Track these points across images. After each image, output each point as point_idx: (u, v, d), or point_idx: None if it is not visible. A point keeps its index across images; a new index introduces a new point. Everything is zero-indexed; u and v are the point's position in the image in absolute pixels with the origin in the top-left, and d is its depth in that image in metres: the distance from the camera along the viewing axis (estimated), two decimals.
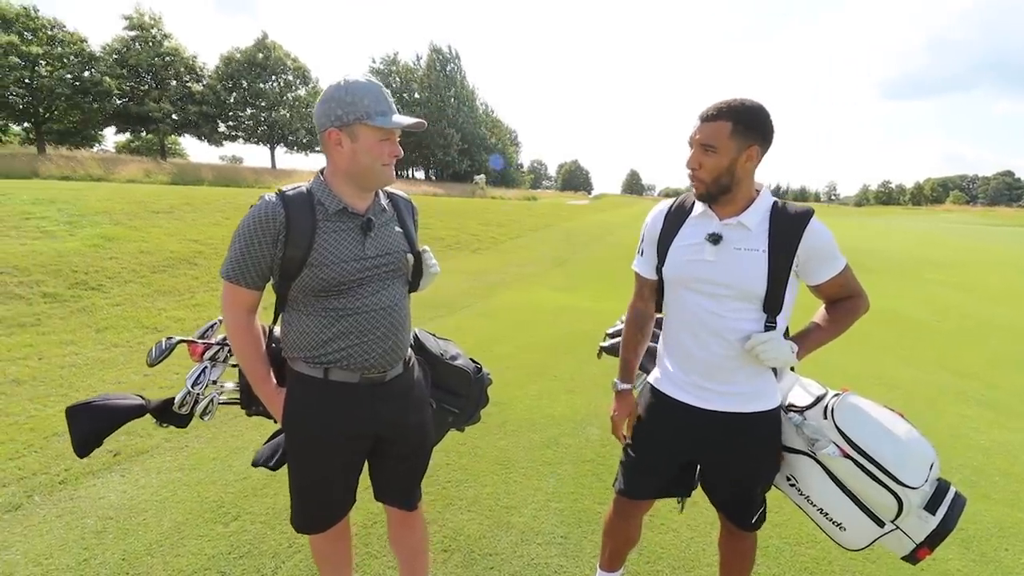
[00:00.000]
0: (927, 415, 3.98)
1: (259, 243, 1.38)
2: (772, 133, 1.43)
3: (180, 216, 8.55)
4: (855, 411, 1.46)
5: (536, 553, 2.29)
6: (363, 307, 1.46)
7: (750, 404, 1.52)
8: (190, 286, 6.31)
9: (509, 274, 9.45)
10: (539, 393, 3.99)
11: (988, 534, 2.57)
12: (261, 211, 1.39)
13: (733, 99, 1.41)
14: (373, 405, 1.53)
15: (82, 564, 2.14)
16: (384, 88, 1.43)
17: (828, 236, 1.45)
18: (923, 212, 58.61)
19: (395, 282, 1.54)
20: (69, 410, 1.55)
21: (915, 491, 1.34)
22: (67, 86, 27.35)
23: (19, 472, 2.77)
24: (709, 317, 1.48)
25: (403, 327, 1.56)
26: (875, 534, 1.44)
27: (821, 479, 1.49)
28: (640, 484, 1.72)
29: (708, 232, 1.47)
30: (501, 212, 17.60)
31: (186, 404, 1.57)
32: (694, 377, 1.55)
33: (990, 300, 8.93)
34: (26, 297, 5.14)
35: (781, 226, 1.44)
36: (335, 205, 1.43)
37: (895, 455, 1.37)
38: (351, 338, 1.45)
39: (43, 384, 3.83)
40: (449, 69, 52.31)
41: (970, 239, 21.41)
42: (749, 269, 1.43)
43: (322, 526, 1.61)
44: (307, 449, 1.54)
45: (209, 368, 1.62)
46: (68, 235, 6.68)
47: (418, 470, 1.74)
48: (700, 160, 1.42)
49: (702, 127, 1.42)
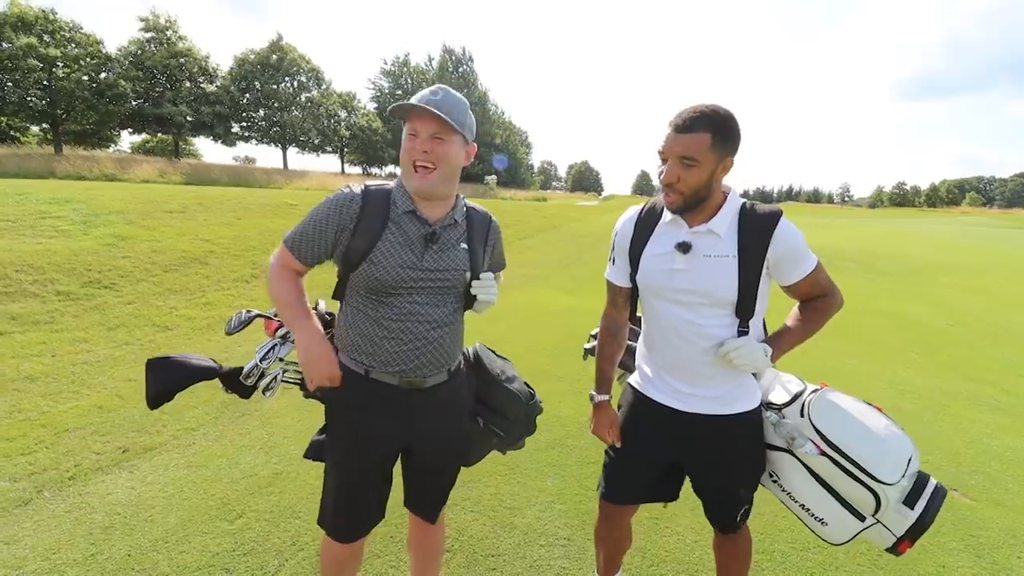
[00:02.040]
0: (940, 420, 3.92)
1: (327, 225, 1.43)
2: (740, 141, 1.40)
3: (192, 216, 8.64)
4: (831, 408, 1.46)
5: (539, 555, 2.29)
6: (410, 314, 1.46)
7: (730, 406, 1.52)
8: (201, 285, 6.37)
9: (516, 275, 9.44)
10: (544, 394, 3.91)
11: (1001, 542, 2.53)
12: (340, 197, 1.44)
13: (707, 107, 1.36)
14: (409, 410, 1.53)
15: (89, 559, 2.17)
16: (441, 88, 1.42)
17: (798, 236, 1.44)
18: (939, 214, 57.83)
19: (448, 296, 1.52)
20: (149, 362, 1.58)
21: (892, 487, 1.35)
22: (84, 88, 27.74)
23: (30, 467, 2.81)
24: (684, 325, 1.48)
25: (449, 340, 1.54)
26: (856, 528, 1.44)
27: (802, 476, 1.50)
28: (623, 488, 1.72)
29: (677, 241, 1.46)
30: (510, 212, 17.59)
31: (252, 376, 1.58)
32: (673, 382, 1.55)
33: (1005, 305, 8.78)
34: (40, 295, 5.22)
35: (750, 230, 1.42)
36: (405, 205, 1.45)
37: (871, 452, 1.37)
38: (393, 342, 1.46)
39: (55, 381, 3.88)
40: (462, 71, 52.45)
41: (986, 242, 21.07)
42: (720, 276, 1.42)
43: (349, 535, 1.61)
44: (343, 442, 1.55)
45: (279, 345, 1.63)
46: (82, 234, 6.78)
47: (448, 484, 1.74)
48: (679, 174, 1.37)
49: (679, 138, 1.35)
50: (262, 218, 9.50)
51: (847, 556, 2.35)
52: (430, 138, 1.39)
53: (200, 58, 33.85)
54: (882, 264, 13.04)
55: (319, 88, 41.16)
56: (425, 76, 51.40)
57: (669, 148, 1.38)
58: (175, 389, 1.57)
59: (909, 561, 2.34)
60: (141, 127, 33.67)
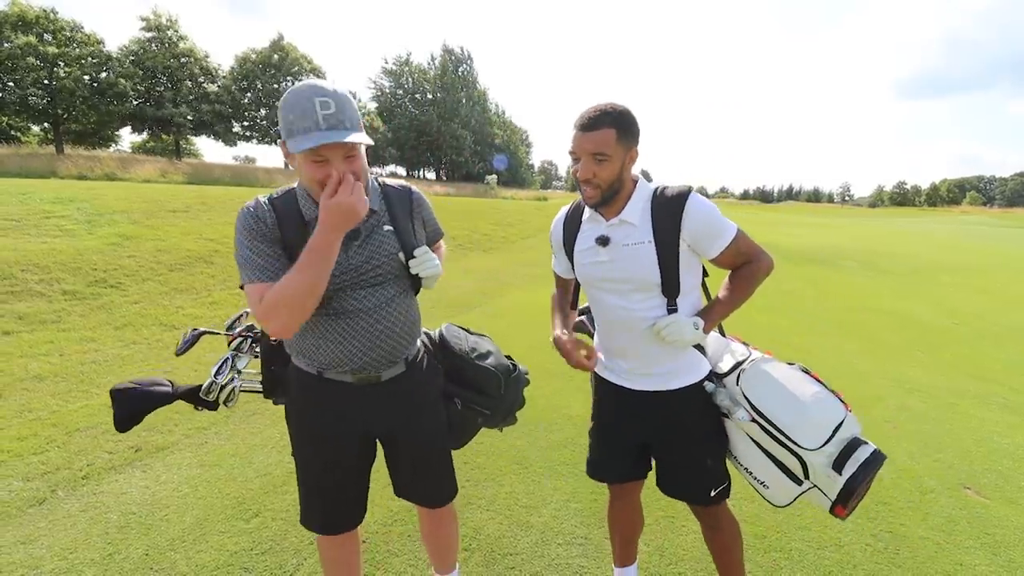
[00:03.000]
0: (949, 419, 3.92)
1: (258, 237, 1.33)
2: (639, 132, 1.49)
3: (196, 215, 8.64)
4: (761, 377, 1.53)
5: (557, 553, 2.28)
6: (349, 311, 1.41)
7: (675, 381, 1.60)
8: (207, 284, 6.37)
9: (520, 274, 9.44)
10: (554, 392, 3.97)
11: (1016, 540, 2.53)
12: (248, 211, 1.35)
13: (606, 105, 1.44)
14: (370, 405, 1.51)
15: (106, 558, 2.16)
16: (322, 96, 1.23)
17: (709, 210, 1.49)
18: (939, 213, 57.88)
19: (386, 286, 1.46)
20: (113, 392, 1.62)
21: (814, 452, 1.41)
22: (85, 87, 27.72)
23: (43, 467, 2.80)
24: (619, 311, 1.58)
25: (397, 328, 1.48)
26: (795, 491, 1.52)
27: (744, 442, 1.59)
28: (603, 466, 1.83)
29: (596, 236, 1.57)
30: (512, 212, 17.58)
31: (212, 391, 1.63)
32: (622, 363, 1.66)
33: (1008, 304, 8.78)
34: (47, 295, 5.22)
35: (661, 213, 1.50)
36: (312, 212, 1.36)
37: (792, 419, 1.43)
38: (338, 342, 1.42)
39: (64, 380, 3.88)
40: (462, 70, 52.47)
41: (987, 241, 21.09)
42: (640, 262, 1.51)
43: (327, 528, 1.62)
44: (307, 444, 1.56)
45: (231, 358, 1.68)
46: (87, 234, 6.77)
47: (434, 470, 1.68)
48: (594, 170, 1.45)
49: (588, 136, 1.43)
50: None
51: (864, 554, 2.35)
52: (344, 160, 1.28)
53: (201, 58, 33.85)
54: (884, 263, 13.06)
55: None
56: (426, 75, 51.37)
57: (580, 146, 1.45)
58: (137, 417, 1.63)
59: (926, 559, 2.34)
60: (142, 127, 33.64)
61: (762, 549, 2.36)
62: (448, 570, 1.90)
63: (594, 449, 1.83)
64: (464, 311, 6.60)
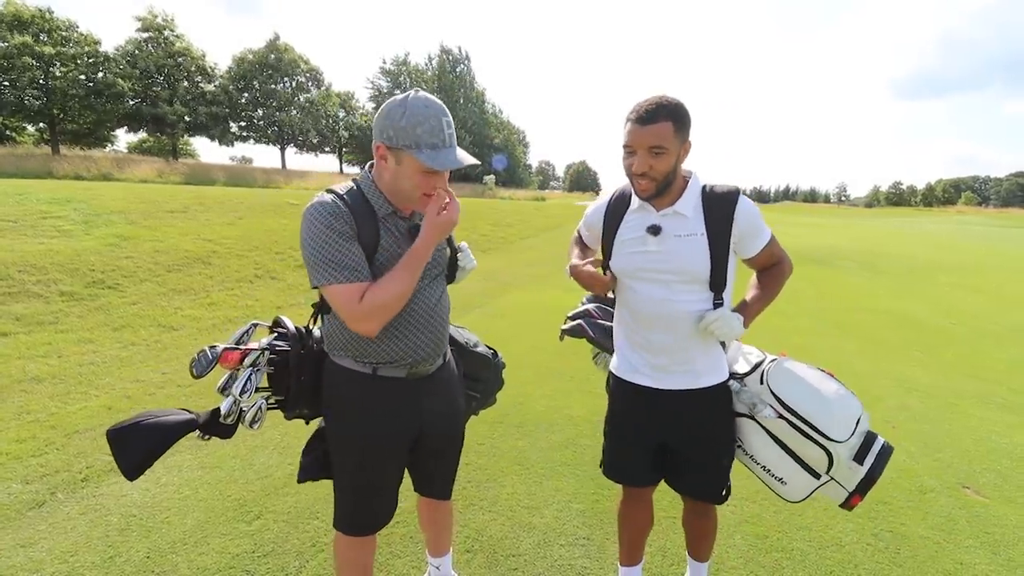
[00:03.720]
0: (949, 418, 3.93)
1: (340, 234, 1.33)
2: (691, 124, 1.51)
3: (194, 216, 8.61)
4: (787, 375, 1.58)
5: (560, 554, 2.28)
6: (411, 306, 1.45)
7: (705, 379, 1.62)
8: (205, 285, 6.35)
9: (519, 274, 9.44)
10: (555, 393, 3.97)
11: (1016, 539, 2.53)
12: (327, 208, 1.34)
13: (662, 98, 1.45)
14: (419, 399, 1.56)
15: (107, 561, 2.15)
16: (446, 117, 1.37)
17: (755, 211, 1.56)
18: (935, 213, 58.10)
19: (438, 279, 1.57)
20: (112, 433, 1.40)
21: (842, 444, 1.47)
22: (81, 87, 27.63)
23: (42, 469, 2.79)
24: (660, 303, 1.57)
25: (446, 321, 1.59)
26: (813, 485, 1.57)
27: (762, 439, 1.61)
28: (622, 468, 1.80)
29: (648, 224, 1.57)
30: (510, 212, 17.59)
31: (232, 414, 1.46)
32: (652, 359, 1.64)
33: (1005, 304, 8.82)
34: (44, 296, 5.19)
35: (713, 209, 1.53)
36: (385, 209, 1.43)
37: (822, 413, 1.49)
38: (400, 336, 1.46)
39: (63, 382, 3.86)
40: (459, 70, 52.42)
41: (983, 241, 21.17)
42: (692, 253, 1.52)
43: (373, 528, 1.62)
44: (360, 450, 1.54)
45: (254, 375, 1.49)
46: (84, 234, 6.75)
47: (456, 458, 1.80)
48: (650, 163, 1.46)
49: (646, 130, 1.44)
50: (264, 218, 9.47)
51: (865, 554, 2.35)
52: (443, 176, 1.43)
53: (197, 57, 33.75)
54: (881, 263, 13.10)
55: (318, 88, 41.07)
56: (423, 76, 51.33)
57: (636, 140, 1.46)
58: (155, 456, 1.42)
59: (927, 558, 2.35)
60: (138, 127, 33.54)
61: (764, 549, 2.36)
62: (444, 552, 1.96)
63: (612, 451, 1.81)
64: (464, 312, 6.59)
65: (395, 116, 1.33)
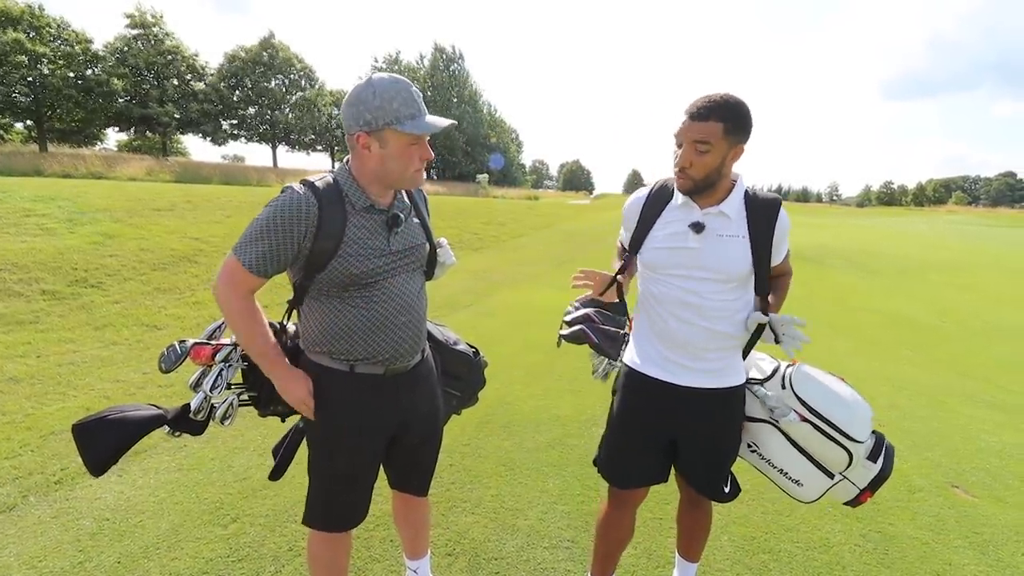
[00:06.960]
0: (937, 417, 3.91)
1: (291, 237, 1.33)
2: (752, 128, 1.49)
3: (181, 214, 8.51)
4: (809, 379, 1.61)
5: (543, 557, 2.23)
6: (388, 300, 1.44)
7: (725, 380, 1.62)
8: (191, 284, 6.26)
9: (511, 273, 9.39)
10: (543, 393, 3.92)
11: (1004, 538, 2.51)
12: (294, 204, 1.33)
13: (720, 96, 1.43)
14: (397, 396, 1.54)
15: (76, 567, 2.09)
16: (412, 86, 1.37)
17: (788, 222, 1.60)
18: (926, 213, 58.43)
19: (416, 274, 1.56)
20: (78, 428, 1.38)
21: (862, 444, 1.52)
22: (70, 85, 27.34)
23: (15, 471, 2.72)
24: (691, 297, 1.56)
25: (423, 317, 1.58)
26: (826, 485, 1.61)
27: (780, 443, 1.64)
28: (619, 465, 1.75)
29: (691, 221, 1.54)
30: (503, 211, 17.54)
31: (203, 410, 1.46)
32: (674, 356, 1.62)
33: (995, 302, 8.86)
34: (25, 295, 5.10)
35: (757, 213, 1.54)
36: (362, 201, 1.40)
37: (845, 415, 1.53)
38: (377, 331, 1.44)
39: (41, 382, 3.78)
40: (453, 69, 52.23)
41: (974, 240, 21.30)
42: (733, 254, 1.52)
43: (347, 524, 1.60)
44: (336, 442, 1.51)
45: (225, 370, 1.51)
46: (68, 232, 6.64)
47: (435, 455, 1.78)
48: (692, 159, 1.46)
49: (695, 125, 1.43)
50: (253, 216, 9.33)
51: (853, 555, 2.32)
52: (426, 143, 1.42)
53: (188, 56, 33.48)
54: (873, 262, 13.14)
55: (312, 87, 40.84)
56: (416, 74, 51.15)
57: (684, 133, 1.46)
58: (120, 452, 1.40)
59: (915, 559, 2.32)
60: (128, 125, 33.23)
61: (751, 551, 2.32)
62: (422, 555, 1.92)
63: (613, 446, 1.76)
64: (454, 311, 6.54)
65: (367, 98, 1.31)
